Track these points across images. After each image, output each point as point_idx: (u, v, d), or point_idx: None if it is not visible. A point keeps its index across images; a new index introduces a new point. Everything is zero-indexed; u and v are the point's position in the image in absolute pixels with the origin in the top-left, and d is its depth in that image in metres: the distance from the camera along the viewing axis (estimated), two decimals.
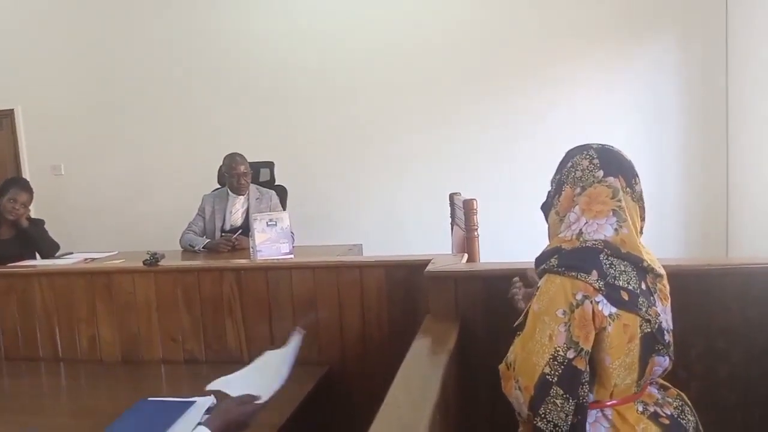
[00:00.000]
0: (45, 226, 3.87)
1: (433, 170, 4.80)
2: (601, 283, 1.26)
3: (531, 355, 1.26)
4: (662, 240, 4.39)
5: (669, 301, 1.38)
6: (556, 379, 1.23)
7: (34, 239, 3.72)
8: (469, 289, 1.93)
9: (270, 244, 2.90)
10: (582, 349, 1.24)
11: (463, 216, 2.89)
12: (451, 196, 3.64)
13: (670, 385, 1.49)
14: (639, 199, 1.41)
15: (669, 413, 1.36)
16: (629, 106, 4.52)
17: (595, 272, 1.27)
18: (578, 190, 1.37)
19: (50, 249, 3.75)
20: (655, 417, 1.33)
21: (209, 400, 1.99)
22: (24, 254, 3.61)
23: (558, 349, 1.24)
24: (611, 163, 1.39)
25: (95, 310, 2.60)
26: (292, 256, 2.90)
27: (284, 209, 3.96)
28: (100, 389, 2.39)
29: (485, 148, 4.73)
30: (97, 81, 5.40)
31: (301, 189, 4.65)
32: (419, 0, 4.77)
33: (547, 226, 1.49)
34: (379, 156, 4.93)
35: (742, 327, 1.79)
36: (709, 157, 4.40)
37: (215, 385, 1.73)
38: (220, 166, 4.05)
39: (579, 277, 1.27)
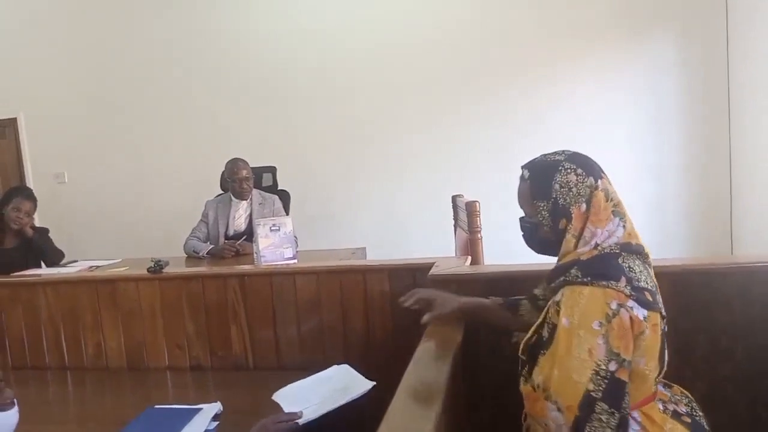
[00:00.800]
0: (49, 234, 3.88)
1: (435, 171, 4.81)
2: (630, 288, 1.24)
3: (571, 373, 1.21)
4: (666, 239, 4.40)
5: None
6: (600, 394, 1.18)
7: (39, 248, 3.73)
8: (473, 292, 1.93)
9: (273, 249, 2.91)
10: (624, 360, 1.20)
11: (466, 218, 2.89)
12: (454, 198, 3.64)
13: (672, 383, 1.49)
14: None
15: (685, 411, 1.37)
16: (630, 105, 4.51)
17: (623, 278, 1.25)
18: (584, 206, 1.34)
19: (55, 257, 3.76)
20: (677, 416, 1.33)
21: (215, 407, 2.00)
22: (29, 263, 3.62)
23: (599, 363, 1.19)
24: (590, 166, 1.38)
25: (100, 318, 2.61)
26: (295, 260, 2.91)
27: (287, 214, 3.97)
28: (107, 397, 2.39)
29: (487, 148, 4.74)
30: (99, 88, 5.42)
31: (304, 193, 4.66)
32: (418, 0, 4.77)
33: (559, 253, 1.41)
34: (380, 158, 4.93)
35: (745, 325, 1.79)
36: (712, 154, 4.40)
37: (278, 397, 1.82)
38: (223, 172, 4.06)
39: (610, 285, 1.24)
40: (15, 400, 1.60)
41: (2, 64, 5.61)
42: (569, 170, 1.36)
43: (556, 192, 1.36)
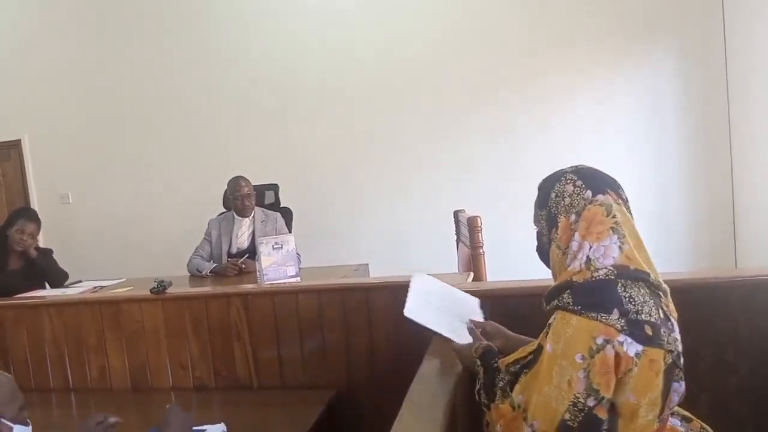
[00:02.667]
0: (53, 255, 3.90)
1: (437, 186, 4.81)
2: (623, 321, 1.18)
3: (550, 400, 1.20)
4: (669, 252, 4.38)
5: (676, 315, 1.30)
6: (576, 425, 1.17)
7: (43, 269, 3.74)
8: None
9: (276, 267, 2.91)
10: (603, 398, 1.17)
11: (468, 233, 2.90)
12: (456, 213, 3.65)
13: (692, 417, 1.42)
14: (629, 208, 1.37)
15: None
16: (630, 115, 4.52)
17: (615, 311, 1.19)
18: (573, 217, 1.30)
19: (59, 278, 3.77)
20: None
21: (220, 428, 1.99)
22: (33, 284, 3.63)
23: (578, 396, 1.17)
24: (595, 181, 1.34)
25: (104, 339, 2.62)
26: (298, 278, 2.91)
27: (290, 231, 3.98)
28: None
29: (488, 161, 4.74)
30: (102, 109, 5.47)
31: (306, 210, 4.67)
32: (417, 15, 4.80)
33: (550, 267, 1.41)
34: (382, 174, 4.95)
35: (750, 338, 1.78)
36: (713, 165, 4.39)
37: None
38: (225, 190, 4.08)
39: (600, 318, 1.19)
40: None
41: (6, 86, 5.67)
42: (568, 181, 1.35)
43: (551, 201, 1.36)
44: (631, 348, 1.17)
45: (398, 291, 2.29)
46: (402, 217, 4.90)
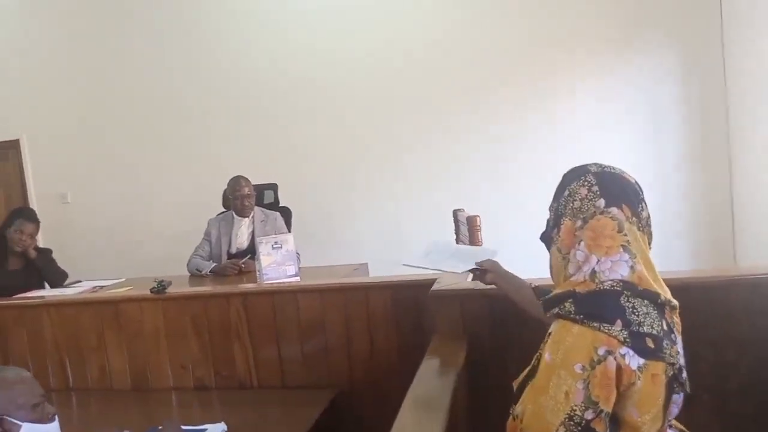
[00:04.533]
0: (52, 255, 3.89)
1: (435, 185, 4.81)
2: (626, 333, 1.14)
3: (545, 411, 1.15)
4: (668, 251, 4.38)
5: (680, 329, 1.28)
6: None
7: (42, 269, 3.74)
8: (475, 308, 1.93)
9: (276, 266, 2.92)
10: (602, 411, 1.12)
11: (468, 232, 2.90)
12: (455, 212, 3.65)
13: (685, 429, 1.40)
14: (646, 226, 1.30)
15: None
16: (628, 116, 4.52)
17: (619, 321, 1.15)
18: (579, 223, 1.25)
19: (58, 278, 3.77)
20: None
21: (220, 427, 1.99)
22: (32, 284, 3.63)
23: (575, 408, 1.12)
24: (612, 190, 1.26)
25: (104, 339, 2.62)
26: (298, 278, 2.91)
27: (289, 230, 3.97)
28: (112, 418, 2.38)
29: (486, 161, 4.74)
30: (100, 109, 5.45)
31: (305, 209, 4.66)
32: (417, 17, 4.80)
33: (549, 262, 1.38)
34: (381, 173, 4.94)
35: (751, 337, 1.78)
36: (712, 164, 4.39)
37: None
38: (225, 190, 4.08)
39: (602, 328, 1.15)
40: (56, 416, 1.61)
41: (4, 87, 5.65)
42: (586, 183, 1.28)
43: (564, 198, 1.31)
44: (633, 361, 1.13)
45: (398, 290, 2.31)
46: (401, 216, 4.89)
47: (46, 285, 3.77)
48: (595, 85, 4.55)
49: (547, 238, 1.38)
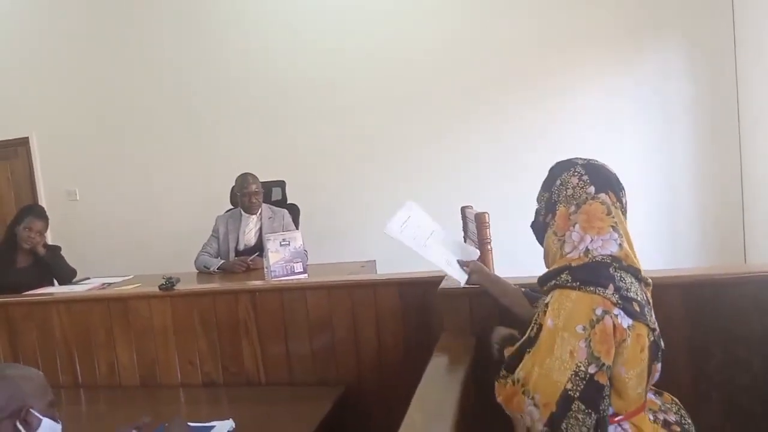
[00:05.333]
0: (61, 252, 3.91)
1: (443, 183, 4.80)
2: (617, 296, 1.28)
3: (551, 372, 1.26)
4: (678, 248, 4.37)
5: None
6: (578, 394, 1.24)
7: (51, 266, 3.76)
8: (483, 305, 1.92)
9: (284, 264, 2.92)
10: (603, 364, 1.25)
11: (476, 229, 2.89)
12: (463, 210, 3.64)
13: (662, 391, 1.52)
14: (625, 212, 1.46)
15: (675, 420, 1.41)
16: (638, 113, 4.49)
17: (611, 286, 1.29)
18: (573, 208, 1.40)
19: (67, 275, 3.79)
20: (667, 425, 1.38)
21: (228, 425, 2.00)
22: (42, 281, 3.65)
23: (579, 364, 1.25)
24: (600, 179, 1.43)
25: (113, 335, 2.63)
26: (305, 275, 2.91)
27: (297, 228, 3.98)
28: (120, 414, 2.40)
29: (494, 158, 4.72)
30: (109, 107, 5.48)
31: (313, 206, 4.66)
32: (424, 14, 4.78)
33: (543, 246, 1.50)
34: (388, 170, 4.93)
35: (762, 335, 1.77)
36: (722, 161, 4.36)
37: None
38: (233, 187, 4.09)
39: (597, 291, 1.28)
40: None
41: (14, 84, 5.69)
42: (576, 174, 1.44)
43: (556, 187, 1.47)
44: (624, 321, 1.28)
45: (406, 287, 2.31)
46: None
47: (55, 282, 3.79)
48: (605, 84, 4.52)
49: (538, 226, 1.54)
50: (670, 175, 4.43)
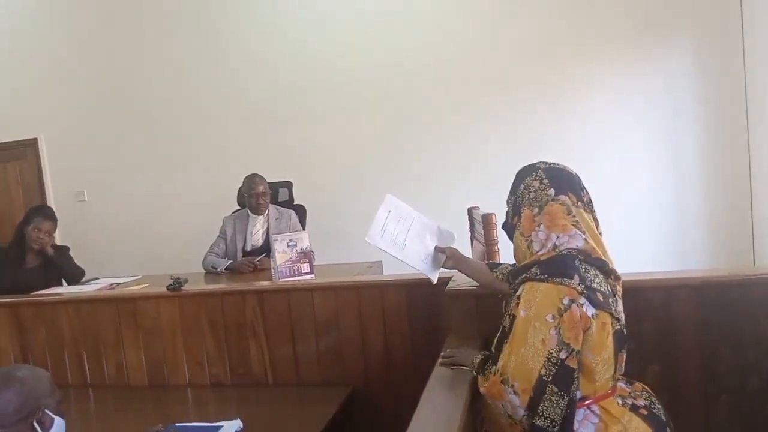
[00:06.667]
0: (70, 253, 3.93)
1: (452, 183, 4.79)
2: (582, 286, 1.38)
3: (526, 360, 1.36)
4: (686, 250, 4.34)
5: (621, 295, 1.51)
6: (551, 378, 1.34)
7: (60, 267, 3.77)
8: (490, 306, 1.92)
9: (290, 264, 2.93)
10: (573, 349, 1.35)
11: (483, 230, 2.88)
12: (470, 210, 3.63)
13: (634, 381, 1.60)
14: (590, 209, 1.54)
15: (643, 404, 1.49)
16: (647, 113, 4.46)
17: (576, 276, 1.39)
18: (536, 210, 1.51)
19: (76, 275, 3.80)
20: (635, 409, 1.47)
21: (236, 425, 2.00)
22: (50, 282, 3.66)
23: (551, 351, 1.34)
24: (559, 181, 1.53)
25: (121, 335, 2.64)
26: (312, 276, 2.92)
27: (304, 228, 3.98)
28: (129, 414, 2.41)
29: (503, 159, 4.68)
30: (116, 108, 5.50)
31: (319, 207, 4.66)
32: (432, 14, 4.77)
33: (513, 245, 1.59)
34: (395, 171, 4.93)
35: None
36: (731, 162, 4.33)
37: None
38: (240, 188, 4.09)
39: (563, 282, 1.38)
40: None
41: (23, 86, 5.72)
42: (537, 178, 1.55)
43: (520, 191, 1.58)
44: (589, 309, 1.37)
45: (413, 288, 2.30)
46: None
47: (64, 282, 3.80)
48: (613, 83, 4.49)
49: (507, 228, 1.65)
50: (678, 176, 4.41)
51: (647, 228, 4.37)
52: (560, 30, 4.54)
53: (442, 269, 1.98)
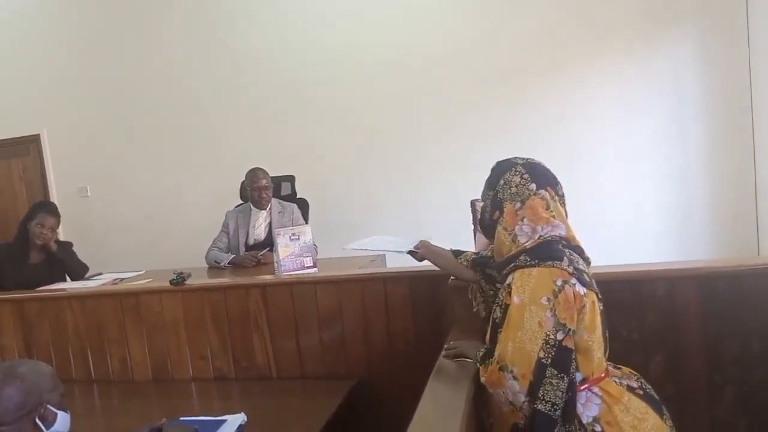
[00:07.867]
0: (73, 248, 3.93)
1: (453, 177, 4.77)
2: (572, 268, 1.41)
3: (524, 344, 1.36)
4: (691, 241, 4.32)
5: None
6: (549, 360, 1.34)
7: (63, 262, 3.78)
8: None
9: (293, 258, 2.92)
10: (569, 329, 1.36)
11: None
12: (473, 203, 3.62)
13: (620, 366, 1.61)
14: (563, 203, 1.58)
15: (637, 385, 1.52)
16: (651, 106, 4.43)
17: (565, 259, 1.42)
18: (518, 204, 1.53)
19: (79, 271, 3.81)
20: (631, 389, 1.49)
21: (240, 418, 2.01)
22: (54, 277, 3.67)
23: (548, 333, 1.35)
24: (539, 176, 1.56)
25: (125, 330, 2.65)
26: (315, 269, 2.91)
27: (306, 222, 3.98)
28: (133, 409, 2.42)
29: (506, 152, 4.67)
30: (119, 103, 5.49)
31: (322, 201, 4.66)
32: (436, 8, 4.76)
33: (494, 241, 1.60)
34: (397, 165, 4.92)
35: None
36: (735, 154, 4.30)
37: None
38: (243, 182, 4.09)
39: (555, 264, 1.41)
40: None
41: (25, 82, 5.72)
42: (517, 173, 1.57)
43: (500, 186, 1.59)
44: (580, 289, 1.40)
45: (416, 281, 2.30)
46: (419, 207, 4.87)
47: (67, 278, 3.81)
48: (616, 76, 4.46)
49: (485, 224, 1.66)
50: (683, 168, 4.39)
51: (651, 218, 4.36)
52: (564, 22, 4.51)
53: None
